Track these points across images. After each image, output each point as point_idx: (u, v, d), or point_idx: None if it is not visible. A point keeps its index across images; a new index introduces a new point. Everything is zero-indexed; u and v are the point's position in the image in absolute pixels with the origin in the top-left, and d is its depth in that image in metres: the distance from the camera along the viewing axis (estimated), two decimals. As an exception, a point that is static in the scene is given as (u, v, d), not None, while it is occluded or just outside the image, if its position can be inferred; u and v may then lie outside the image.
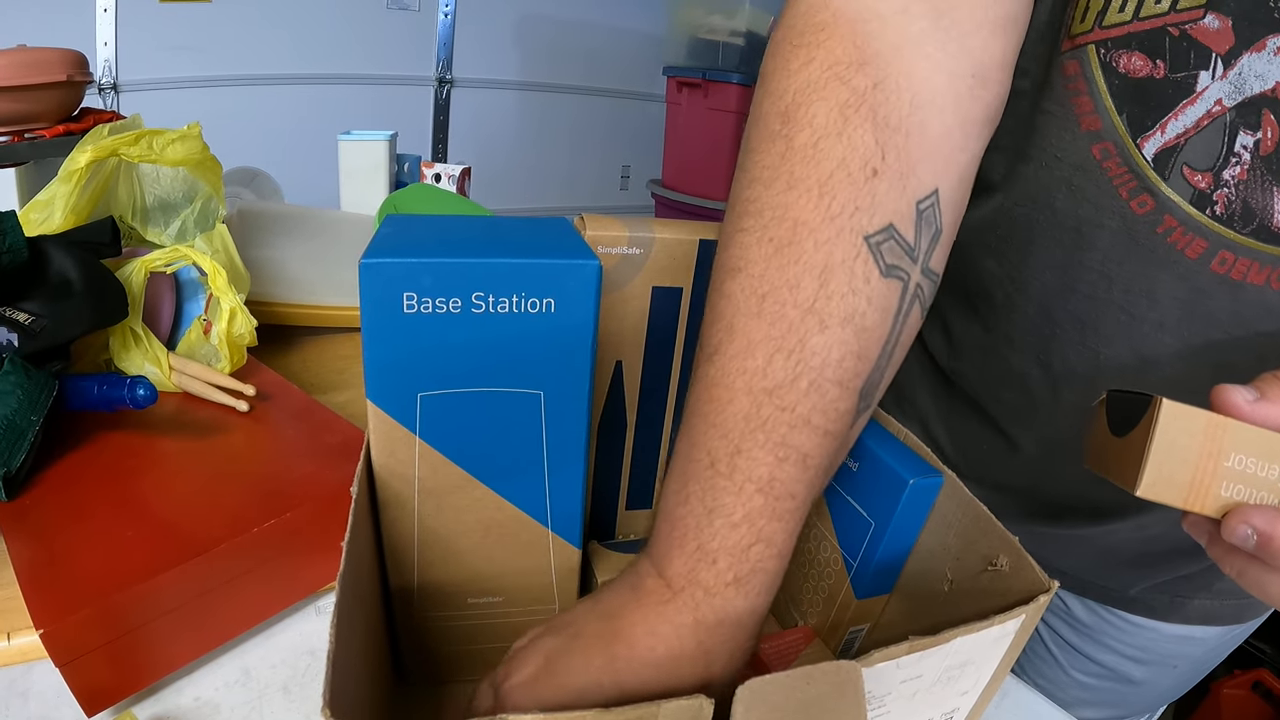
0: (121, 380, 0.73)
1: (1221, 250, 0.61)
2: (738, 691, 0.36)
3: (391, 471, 0.53)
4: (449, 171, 1.60)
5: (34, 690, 0.60)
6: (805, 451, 0.49)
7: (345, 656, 0.38)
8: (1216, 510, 0.46)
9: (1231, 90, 0.57)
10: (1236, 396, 0.45)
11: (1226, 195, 0.59)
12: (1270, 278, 0.60)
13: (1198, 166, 0.60)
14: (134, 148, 0.90)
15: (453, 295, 0.47)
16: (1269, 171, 0.58)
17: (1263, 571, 0.46)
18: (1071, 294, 0.69)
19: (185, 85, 3.37)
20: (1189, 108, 0.59)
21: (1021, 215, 0.71)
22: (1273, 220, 0.58)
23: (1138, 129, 0.61)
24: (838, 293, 0.49)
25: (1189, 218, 0.61)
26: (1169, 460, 0.45)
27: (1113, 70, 0.61)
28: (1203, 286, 0.63)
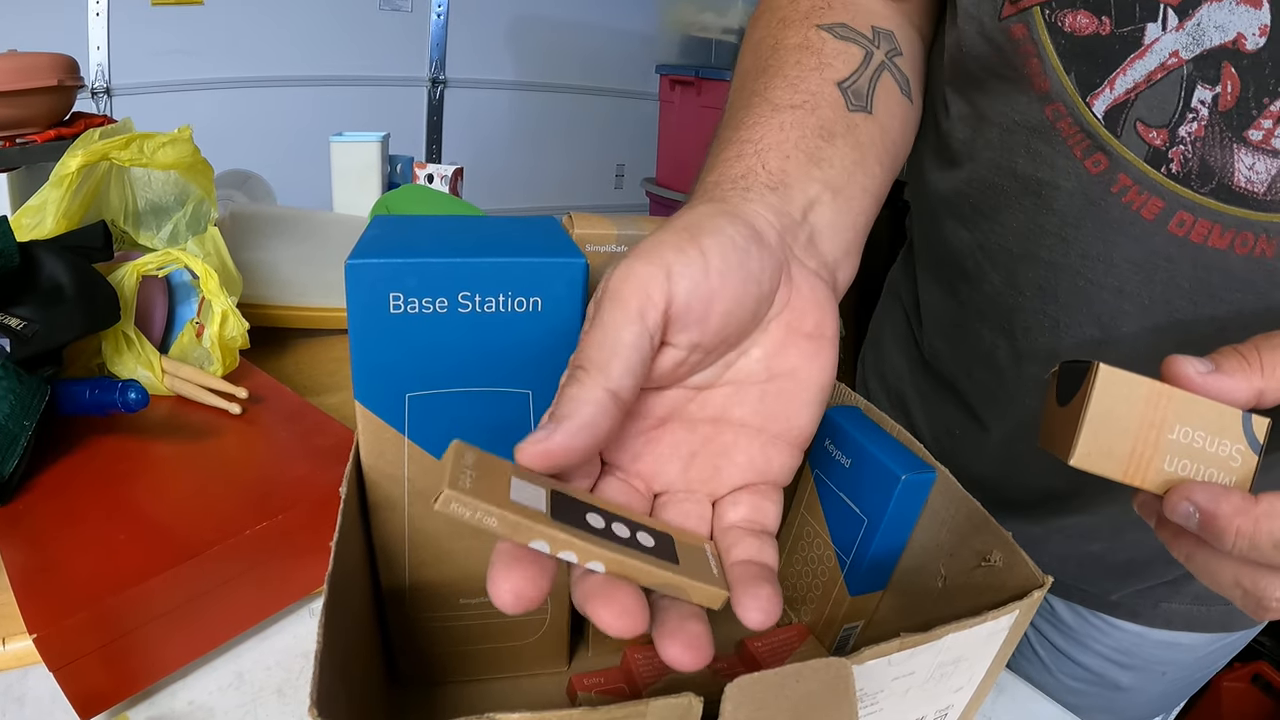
0: (113, 384, 0.73)
1: (1179, 211, 0.60)
2: (726, 689, 0.36)
3: (381, 473, 0.53)
4: (441, 172, 1.60)
5: (29, 695, 0.60)
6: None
7: (334, 658, 0.38)
8: (1159, 485, 0.44)
9: (1189, 42, 0.56)
10: (1188, 367, 0.43)
11: (1183, 153, 0.58)
12: (1234, 242, 0.59)
13: (1152, 123, 0.59)
14: (125, 152, 0.89)
15: (439, 295, 0.46)
16: (1229, 128, 0.56)
17: (1210, 556, 0.44)
18: (1034, 261, 0.69)
19: (178, 88, 3.37)
20: (1137, 61, 0.58)
21: (987, 182, 0.71)
22: (1233, 179, 0.57)
23: (1086, 87, 0.61)
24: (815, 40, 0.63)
25: (1144, 176, 0.60)
26: (1106, 429, 0.43)
27: (1059, 30, 0.61)
28: (1160, 249, 0.62)
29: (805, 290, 0.47)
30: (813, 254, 0.51)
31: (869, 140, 0.60)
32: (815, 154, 0.56)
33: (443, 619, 0.61)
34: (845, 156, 0.57)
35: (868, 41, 0.65)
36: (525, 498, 0.36)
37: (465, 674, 0.65)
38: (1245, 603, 0.44)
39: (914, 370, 0.93)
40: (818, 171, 0.55)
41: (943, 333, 0.86)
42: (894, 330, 0.99)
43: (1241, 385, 0.43)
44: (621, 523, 0.39)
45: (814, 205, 0.53)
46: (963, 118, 0.72)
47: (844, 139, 0.58)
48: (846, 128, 0.59)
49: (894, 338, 0.99)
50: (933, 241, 0.83)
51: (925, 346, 0.89)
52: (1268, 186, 0.56)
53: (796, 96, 0.59)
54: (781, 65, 0.62)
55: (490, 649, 0.63)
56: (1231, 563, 0.43)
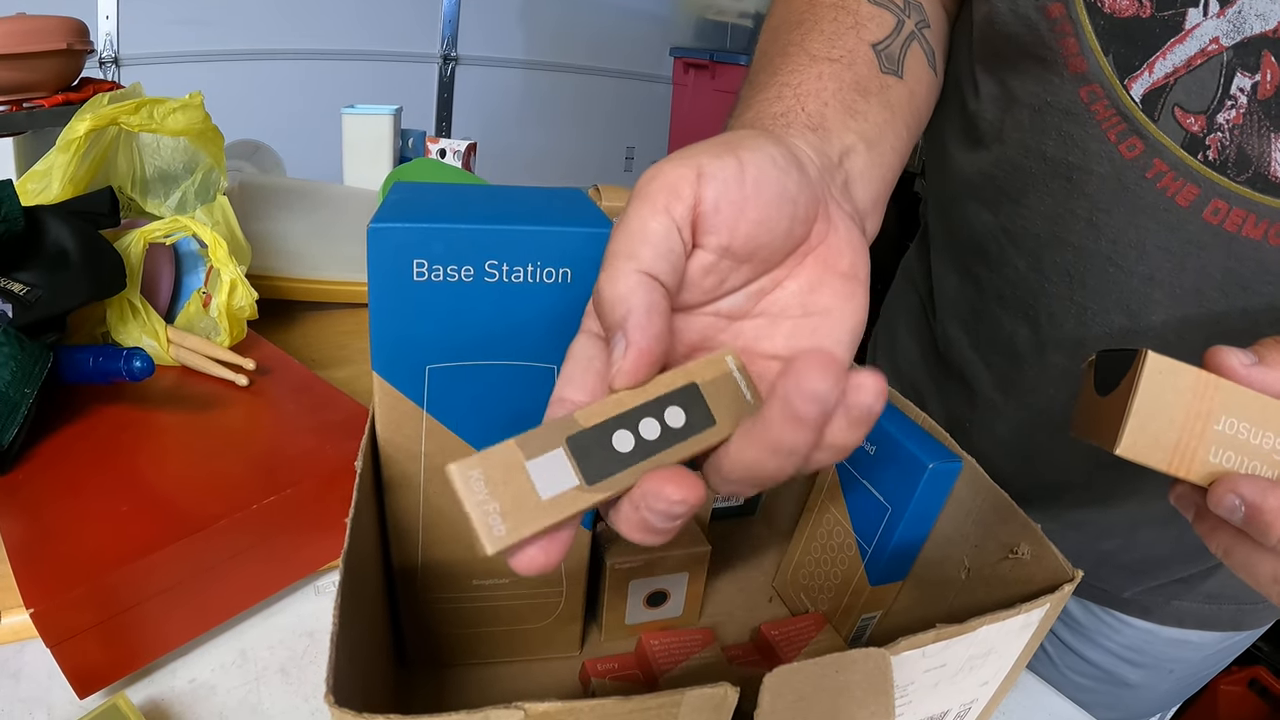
0: (118, 352, 0.72)
1: (1214, 199, 0.59)
2: (765, 679, 0.35)
3: (397, 447, 0.51)
4: (454, 147, 1.59)
5: (25, 671, 0.59)
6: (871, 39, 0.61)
7: (349, 641, 0.37)
8: (1203, 477, 0.43)
9: (1230, 29, 0.55)
10: (1233, 359, 0.43)
11: (1220, 140, 0.58)
12: (1268, 232, 0.59)
13: (1190, 108, 0.58)
14: (134, 117, 0.88)
15: (465, 263, 0.45)
16: (1267, 117, 0.56)
17: (1250, 550, 0.43)
18: (1061, 245, 0.68)
19: (187, 59, 3.36)
20: (1177, 46, 0.57)
21: (1015, 164, 0.70)
22: (1270, 169, 0.57)
23: (1124, 69, 0.60)
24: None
25: (1180, 162, 0.60)
26: (1153, 418, 0.43)
27: (1098, 10, 0.60)
28: (1194, 237, 0.61)
29: (842, 230, 0.45)
30: (847, 198, 0.50)
31: (898, 102, 0.60)
32: (851, 106, 0.55)
33: (454, 600, 0.60)
34: (878, 114, 0.57)
35: (899, 10, 0.65)
36: (552, 482, 0.34)
37: (475, 656, 0.64)
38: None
39: (927, 358, 0.93)
40: (853, 123, 0.54)
41: (959, 319, 0.85)
42: (908, 317, 0.99)
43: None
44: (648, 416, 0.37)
45: (850, 153, 0.52)
46: (992, 98, 0.71)
47: (877, 98, 0.58)
48: (880, 87, 0.59)
49: (907, 325, 0.98)
50: (952, 225, 0.83)
51: (939, 334, 0.88)
52: None
53: (834, 51, 0.59)
54: (819, 20, 0.62)
55: (502, 631, 0.62)
56: (1272, 558, 0.42)
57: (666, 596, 0.66)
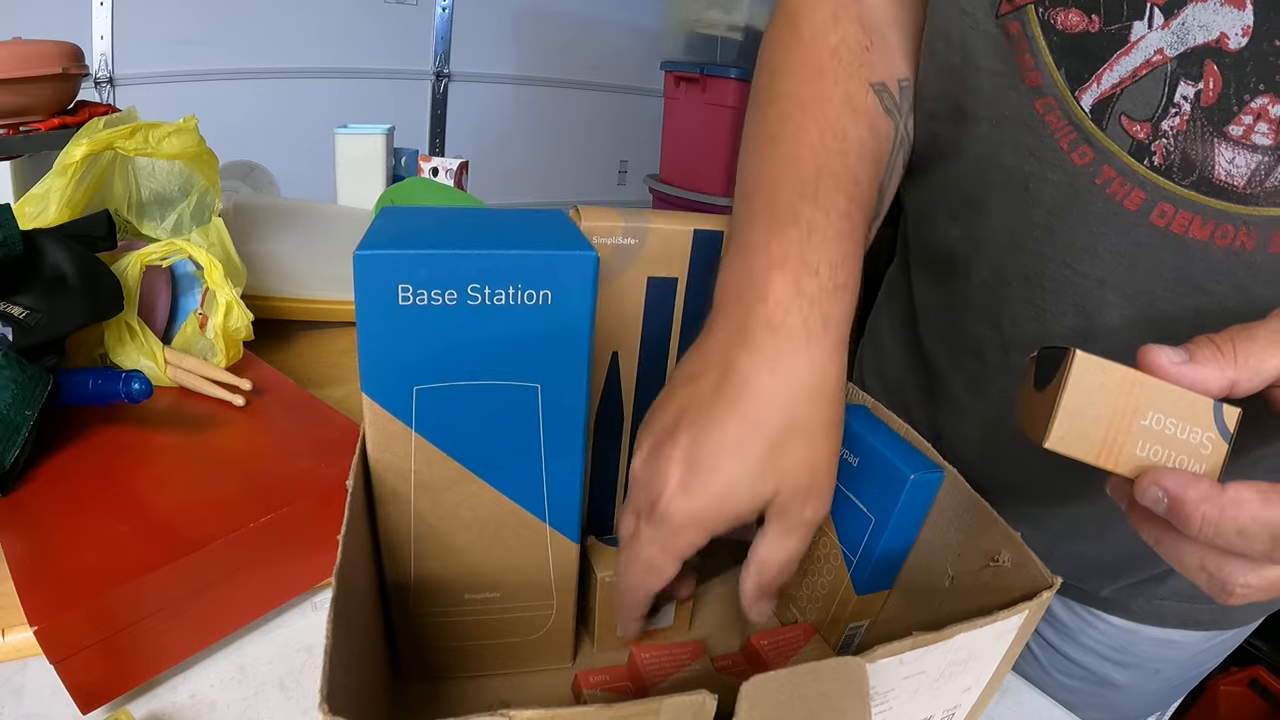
0: (116, 375, 0.73)
1: (1161, 202, 0.61)
2: (742, 688, 0.36)
3: (387, 466, 0.52)
4: (446, 165, 1.60)
5: (29, 687, 0.60)
6: (863, 199, 0.61)
7: (342, 652, 0.38)
8: (1131, 470, 0.45)
9: (1174, 40, 0.57)
10: (1162, 357, 0.45)
11: (1165, 146, 0.60)
12: (1214, 234, 0.60)
13: (1136, 116, 0.60)
14: (129, 141, 0.89)
15: (448, 287, 0.46)
16: (1209, 123, 0.58)
17: (1177, 540, 0.45)
18: (1021, 251, 0.70)
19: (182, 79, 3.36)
20: (1124, 58, 0.60)
21: (977, 175, 0.72)
22: (1213, 172, 0.59)
23: (1075, 81, 0.62)
24: (860, 109, 0.65)
25: (1127, 168, 0.62)
26: (1081, 413, 0.45)
27: (1051, 27, 0.62)
28: (1143, 240, 0.63)
29: None
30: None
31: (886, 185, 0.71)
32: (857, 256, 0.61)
33: (447, 614, 0.60)
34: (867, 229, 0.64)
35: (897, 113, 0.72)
36: None
37: (469, 669, 0.64)
38: (1210, 587, 0.45)
39: (913, 368, 0.94)
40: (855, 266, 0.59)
41: (935, 326, 0.87)
42: (892, 327, 1.00)
43: (1214, 375, 0.45)
44: None
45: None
46: (948, 115, 0.73)
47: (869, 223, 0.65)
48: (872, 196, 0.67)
49: (892, 335, 1.00)
50: (924, 236, 0.85)
51: (923, 342, 0.90)
52: (1247, 180, 0.58)
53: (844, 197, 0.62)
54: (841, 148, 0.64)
55: (495, 644, 0.63)
56: (1197, 547, 0.44)
57: (656, 608, 0.67)
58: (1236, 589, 0.44)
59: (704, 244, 0.63)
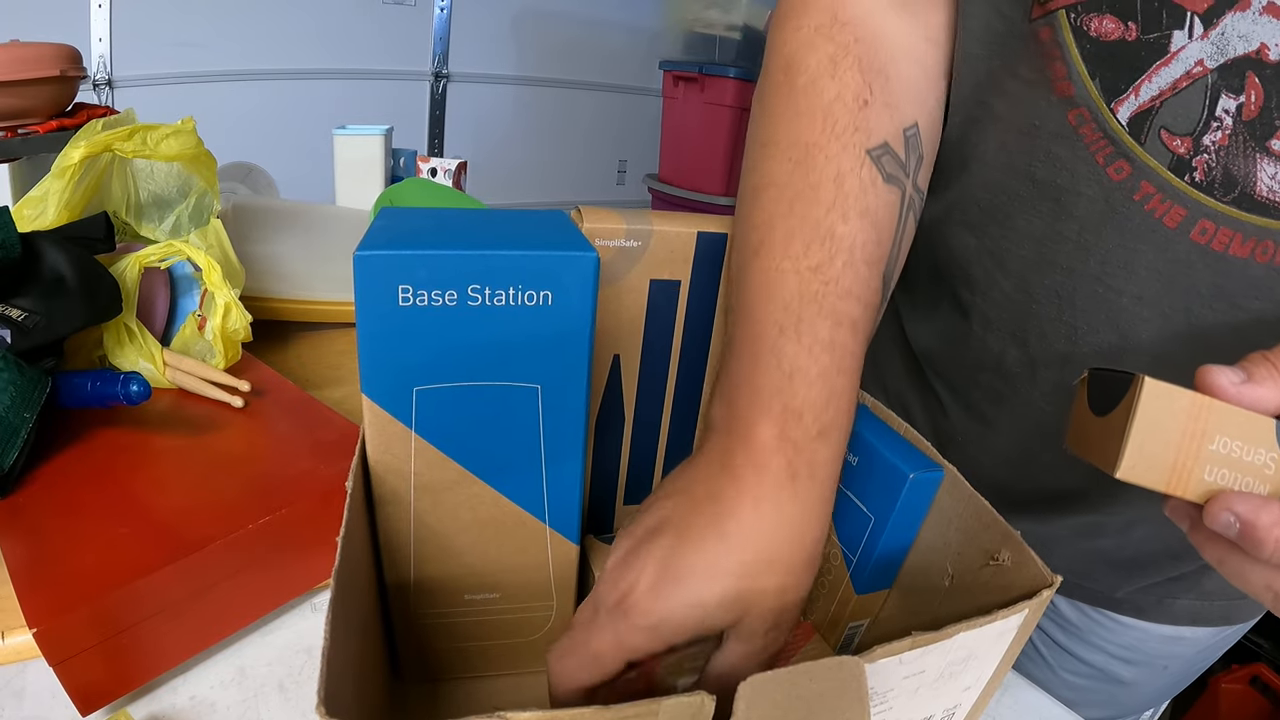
0: (115, 377, 0.73)
1: (1202, 219, 0.60)
2: (740, 688, 0.36)
3: (387, 467, 0.52)
4: (445, 166, 1.60)
5: (29, 690, 0.60)
6: (853, 318, 0.56)
7: (340, 654, 0.38)
8: (1199, 495, 0.44)
9: (1214, 51, 0.56)
10: (1222, 378, 0.44)
11: (1206, 161, 0.58)
12: (1255, 251, 0.59)
13: (1176, 130, 0.59)
14: (128, 143, 0.89)
15: (449, 288, 0.46)
16: (1252, 137, 0.56)
17: (1243, 561, 0.45)
18: (1050, 267, 0.69)
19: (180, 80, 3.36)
20: (1163, 69, 0.58)
21: (1001, 186, 0.71)
22: (1255, 189, 0.57)
23: (1111, 93, 0.60)
24: (852, 193, 0.59)
25: (1167, 184, 0.60)
26: (1150, 441, 0.44)
27: (1084, 34, 0.60)
28: (1182, 257, 0.62)
29: None
30: None
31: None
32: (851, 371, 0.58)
33: (447, 615, 0.60)
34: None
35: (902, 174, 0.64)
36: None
37: (470, 670, 0.64)
38: (1276, 605, 0.45)
39: (913, 375, 0.93)
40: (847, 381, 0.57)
41: (944, 341, 0.86)
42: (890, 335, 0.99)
43: (1274, 393, 0.44)
44: None
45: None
46: (973, 121, 0.72)
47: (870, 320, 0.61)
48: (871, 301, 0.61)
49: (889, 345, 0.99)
50: (932, 248, 0.83)
51: (922, 355, 0.89)
52: None
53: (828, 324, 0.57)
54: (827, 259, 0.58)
55: (495, 645, 0.63)
56: (1264, 569, 0.44)
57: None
58: None
59: (707, 246, 0.62)
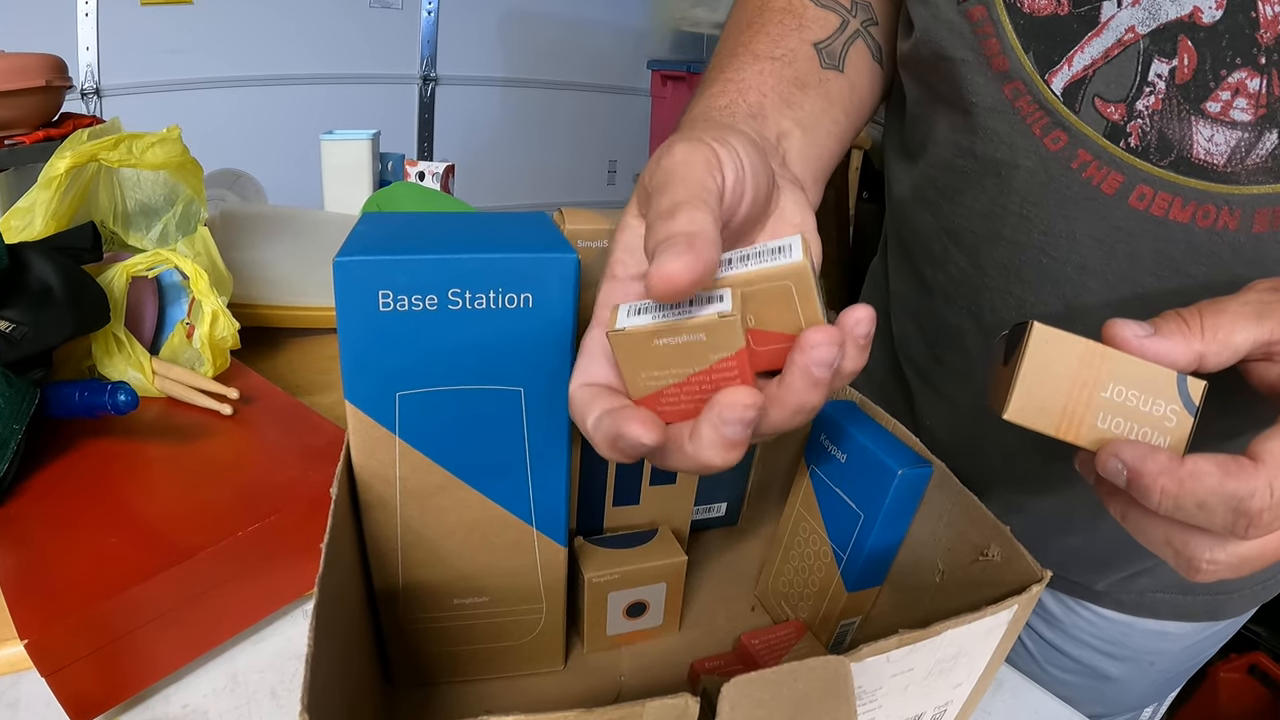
0: (103, 386, 0.73)
1: (1139, 185, 0.61)
2: (723, 689, 0.36)
3: (373, 473, 0.52)
4: (433, 169, 1.60)
5: (22, 701, 0.60)
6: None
7: (326, 659, 0.38)
8: (1092, 442, 0.45)
9: (1145, 17, 0.57)
10: (1126, 330, 0.45)
11: (1141, 126, 0.60)
12: (1195, 215, 0.60)
13: (1110, 98, 0.60)
14: (113, 152, 0.89)
15: (429, 292, 0.46)
16: (1186, 100, 0.57)
17: (1141, 515, 0.45)
18: (997, 241, 0.71)
19: (168, 88, 3.36)
20: (1095, 39, 0.60)
21: (950, 164, 0.73)
22: (1191, 151, 0.58)
23: (1044, 65, 0.62)
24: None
25: (1103, 151, 0.62)
26: (1040, 384, 0.45)
27: (1018, 10, 0.62)
28: (1122, 224, 0.63)
29: (789, 195, 0.51)
30: (785, 172, 0.55)
31: (837, 94, 0.69)
32: (788, 97, 0.63)
33: (437, 619, 0.60)
34: (815, 103, 0.65)
35: (845, 11, 0.73)
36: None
37: (461, 674, 0.64)
38: (1177, 563, 0.45)
39: (888, 358, 0.95)
40: (789, 111, 0.63)
41: (913, 318, 0.87)
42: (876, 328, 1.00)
43: (1180, 348, 0.45)
44: None
45: (785, 136, 0.60)
46: (920, 103, 0.75)
47: (815, 90, 0.66)
48: (818, 81, 0.67)
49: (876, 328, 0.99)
50: (902, 228, 0.85)
51: (896, 333, 0.91)
52: (1227, 158, 0.58)
53: (776, 50, 0.67)
54: (765, 24, 0.70)
55: (485, 649, 0.63)
56: (1162, 522, 0.44)
57: (646, 607, 0.67)
58: (1203, 565, 0.44)
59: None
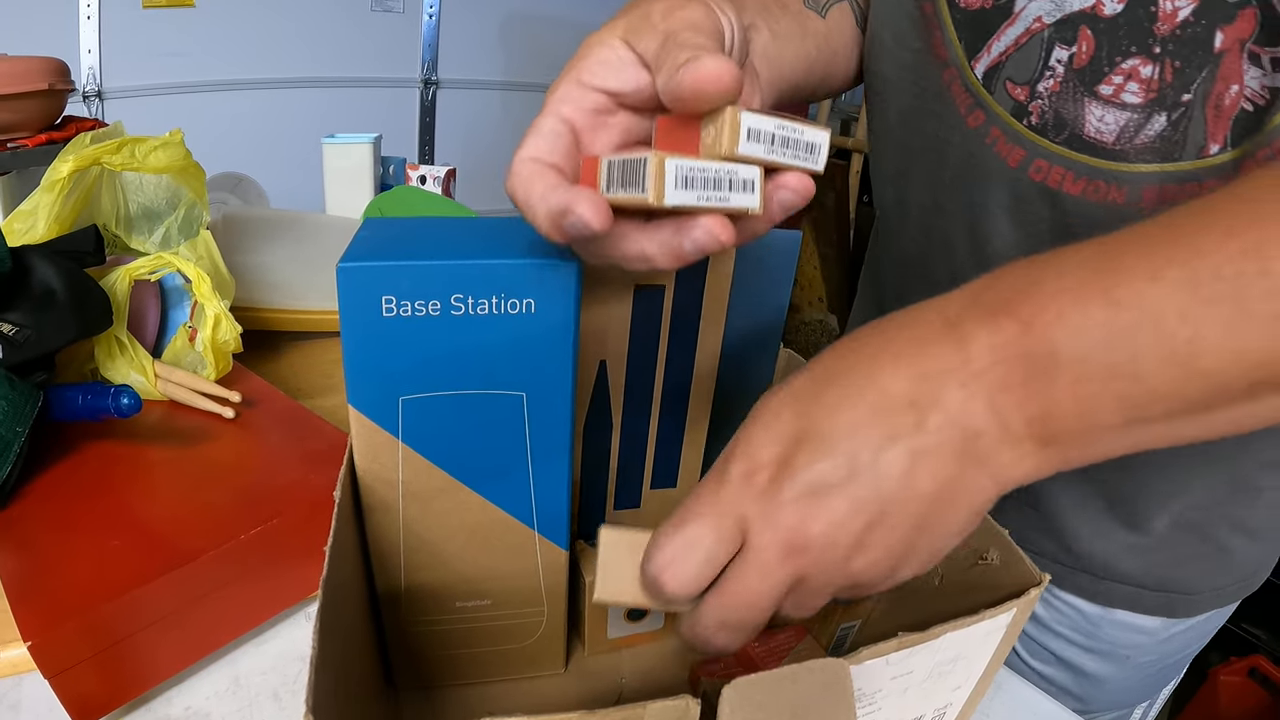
0: (106, 390, 0.73)
1: (1037, 158, 0.68)
2: (724, 691, 0.36)
3: (375, 476, 0.52)
4: (434, 173, 1.60)
5: (25, 703, 0.60)
6: None
7: (329, 663, 0.38)
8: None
9: (1052, 8, 0.64)
10: None
11: (1041, 106, 0.67)
12: (1086, 189, 0.66)
13: (1018, 80, 0.68)
14: (116, 156, 0.89)
15: (431, 298, 0.46)
16: (1081, 83, 0.64)
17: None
18: (937, 212, 0.79)
19: (170, 91, 3.36)
20: (1009, 28, 0.67)
21: (904, 143, 0.81)
22: (1083, 129, 0.65)
23: (971, 52, 0.71)
24: None
25: (1009, 127, 0.69)
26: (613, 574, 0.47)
27: (955, 5, 0.71)
28: (1024, 194, 0.70)
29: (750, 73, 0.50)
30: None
31: (814, 31, 0.75)
32: (767, 5, 0.70)
33: (439, 622, 0.61)
34: (790, 25, 0.71)
35: None
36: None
37: (463, 677, 0.65)
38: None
39: None
40: (766, 16, 0.68)
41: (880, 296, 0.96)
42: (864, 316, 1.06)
43: None
44: None
45: (754, 29, 0.64)
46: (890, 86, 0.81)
47: (794, 16, 0.73)
48: (799, 11, 0.74)
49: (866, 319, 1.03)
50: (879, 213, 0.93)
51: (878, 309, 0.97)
52: (1116, 136, 0.63)
53: None
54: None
55: (487, 652, 0.63)
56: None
57: (646, 610, 0.67)
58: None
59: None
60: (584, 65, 0.45)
